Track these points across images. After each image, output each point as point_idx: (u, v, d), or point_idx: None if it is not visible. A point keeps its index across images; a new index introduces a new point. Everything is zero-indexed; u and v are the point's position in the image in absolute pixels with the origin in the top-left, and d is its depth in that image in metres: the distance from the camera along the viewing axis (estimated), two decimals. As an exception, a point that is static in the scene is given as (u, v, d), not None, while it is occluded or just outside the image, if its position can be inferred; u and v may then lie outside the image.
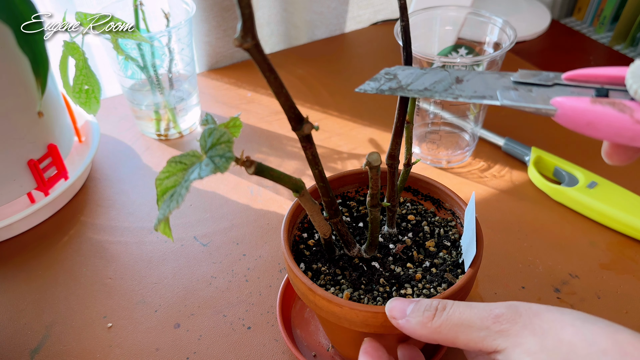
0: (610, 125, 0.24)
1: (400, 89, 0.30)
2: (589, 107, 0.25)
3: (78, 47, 0.51)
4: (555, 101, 0.26)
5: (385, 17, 0.91)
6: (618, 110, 0.24)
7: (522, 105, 0.27)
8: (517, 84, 0.28)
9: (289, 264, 0.36)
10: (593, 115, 0.24)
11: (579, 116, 0.25)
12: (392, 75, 0.31)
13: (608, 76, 0.26)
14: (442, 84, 0.29)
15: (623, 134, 0.24)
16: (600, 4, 0.88)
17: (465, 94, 0.29)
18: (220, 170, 0.25)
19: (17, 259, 0.52)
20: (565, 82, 0.27)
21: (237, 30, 0.24)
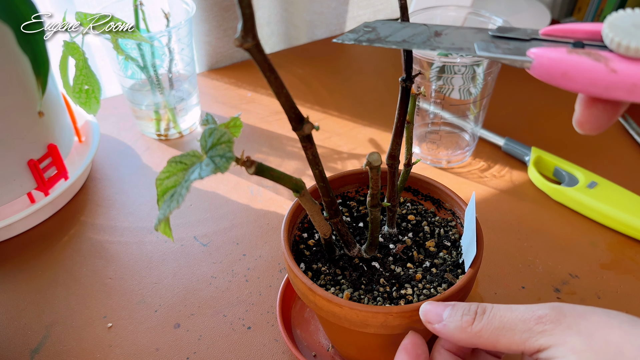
0: (585, 75, 0.24)
1: (378, 40, 0.30)
2: (564, 57, 0.24)
3: (78, 47, 0.51)
4: (531, 52, 0.26)
5: (385, 17, 0.91)
6: (593, 59, 0.24)
7: (498, 56, 0.27)
8: (495, 38, 0.28)
9: (289, 264, 0.36)
10: (569, 65, 0.24)
11: (555, 66, 0.25)
12: (371, 28, 0.31)
13: (585, 31, 0.26)
14: (420, 37, 0.29)
15: (598, 84, 0.24)
16: (600, 4, 0.88)
17: (443, 45, 0.29)
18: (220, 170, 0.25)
19: (17, 259, 0.52)
20: (543, 37, 0.27)
21: (237, 30, 0.24)
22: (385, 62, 0.81)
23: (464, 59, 0.52)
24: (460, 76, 0.54)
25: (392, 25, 0.31)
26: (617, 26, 0.24)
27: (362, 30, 0.31)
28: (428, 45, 0.29)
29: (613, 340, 0.25)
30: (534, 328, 0.27)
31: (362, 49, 0.85)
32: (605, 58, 0.23)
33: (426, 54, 0.53)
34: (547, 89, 0.74)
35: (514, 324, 0.28)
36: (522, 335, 0.27)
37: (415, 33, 0.30)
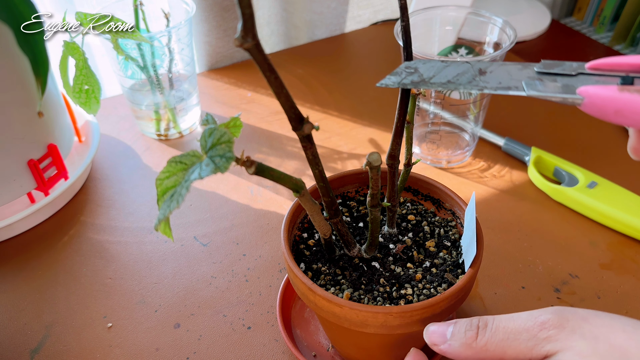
0: (638, 113, 0.24)
1: (423, 83, 0.30)
2: (616, 95, 0.25)
3: (78, 47, 0.51)
4: (582, 90, 0.26)
5: (385, 17, 0.91)
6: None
7: (548, 95, 0.27)
8: (541, 74, 0.28)
9: (289, 264, 0.36)
10: (621, 103, 0.24)
11: (607, 104, 0.25)
12: (413, 69, 0.31)
13: (632, 64, 0.26)
14: (465, 76, 0.29)
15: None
16: (600, 4, 0.88)
17: (490, 85, 0.28)
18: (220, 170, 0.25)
19: (17, 259, 0.52)
20: (589, 71, 0.27)
21: (237, 30, 0.24)
22: (386, 62, 0.81)
23: (464, 59, 0.52)
24: (460, 76, 0.54)
25: (434, 65, 0.30)
26: None
27: (404, 72, 0.30)
28: (474, 85, 0.29)
29: (617, 343, 0.25)
30: (539, 335, 0.27)
31: (362, 49, 0.85)
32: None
33: (424, 53, 0.53)
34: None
35: (518, 333, 0.28)
36: (527, 344, 0.27)
37: (459, 72, 0.30)
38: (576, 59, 0.81)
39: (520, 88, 0.28)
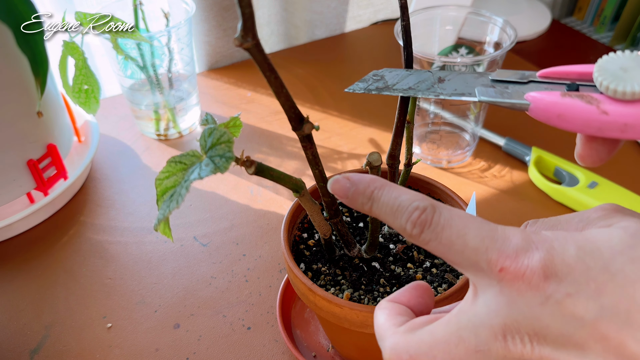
0: (578, 117, 0.25)
1: (386, 89, 0.32)
2: (559, 100, 0.26)
3: (77, 47, 0.51)
4: (529, 96, 0.27)
5: (386, 16, 0.91)
6: (586, 102, 0.25)
7: (498, 100, 0.29)
8: (495, 82, 0.30)
9: (289, 264, 0.36)
10: (563, 108, 0.26)
11: (550, 109, 0.26)
12: (380, 76, 0.33)
13: (579, 72, 0.27)
14: (425, 84, 0.31)
15: (591, 125, 0.25)
16: (600, 4, 0.88)
17: (446, 91, 0.30)
18: (220, 170, 0.25)
19: (17, 259, 0.52)
20: (540, 79, 0.29)
21: (237, 30, 0.24)
22: (386, 62, 0.80)
23: (464, 59, 0.52)
24: (461, 76, 0.54)
25: (399, 73, 0.32)
26: (606, 70, 0.25)
27: (371, 79, 0.33)
28: (432, 91, 0.31)
29: None
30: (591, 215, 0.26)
31: (362, 49, 0.85)
32: (597, 100, 0.25)
33: (425, 53, 0.53)
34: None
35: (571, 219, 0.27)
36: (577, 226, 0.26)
37: (420, 80, 0.32)
38: (577, 58, 0.81)
39: (473, 94, 0.30)
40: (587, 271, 0.21)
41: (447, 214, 0.24)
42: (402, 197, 0.25)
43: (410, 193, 0.26)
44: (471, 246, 0.23)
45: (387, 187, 0.26)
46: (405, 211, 0.25)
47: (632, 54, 0.25)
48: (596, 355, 0.21)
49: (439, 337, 0.24)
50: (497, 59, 0.54)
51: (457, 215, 0.24)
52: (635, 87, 0.24)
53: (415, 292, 0.28)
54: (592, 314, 0.21)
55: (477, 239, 0.23)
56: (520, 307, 0.22)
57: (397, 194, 0.26)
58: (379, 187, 0.26)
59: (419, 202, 0.25)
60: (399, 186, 0.27)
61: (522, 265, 0.22)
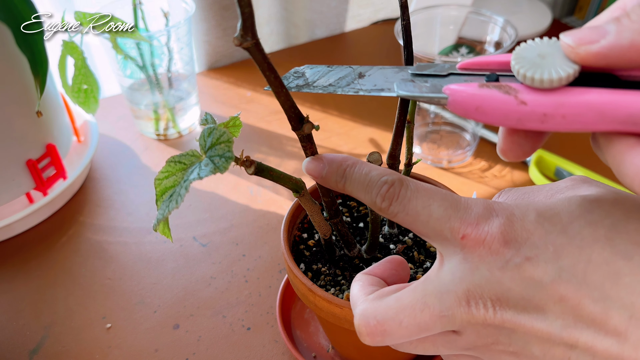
0: (496, 109, 0.24)
1: (306, 86, 0.31)
2: (476, 91, 0.25)
3: (77, 47, 0.51)
4: (447, 89, 0.26)
5: (386, 16, 0.91)
6: (503, 92, 0.24)
7: (416, 95, 0.28)
8: (415, 75, 0.29)
9: (289, 265, 0.36)
10: (480, 99, 0.25)
11: (468, 101, 0.25)
12: (301, 73, 0.32)
13: (498, 62, 0.26)
14: (345, 80, 0.31)
15: (510, 116, 0.24)
16: (601, 3, 0.88)
17: (365, 87, 0.30)
18: (220, 170, 0.25)
19: (16, 260, 0.52)
20: (460, 71, 0.28)
21: (237, 29, 0.24)
22: (386, 62, 0.80)
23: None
24: (461, 75, 0.54)
25: (320, 70, 0.32)
26: (523, 57, 0.24)
27: (291, 77, 0.32)
28: (351, 88, 0.30)
29: None
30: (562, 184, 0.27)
31: (362, 48, 0.84)
32: (515, 90, 0.24)
33: (425, 52, 0.53)
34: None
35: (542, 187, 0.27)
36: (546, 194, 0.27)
37: (341, 76, 0.31)
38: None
39: (391, 90, 0.29)
40: (545, 235, 0.22)
41: (414, 186, 0.26)
42: (372, 172, 0.27)
43: (380, 169, 0.27)
44: (435, 216, 0.24)
45: (358, 165, 0.28)
46: (374, 185, 0.26)
47: (549, 40, 0.24)
48: (555, 317, 0.21)
49: (405, 303, 0.25)
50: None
51: (423, 188, 0.25)
52: (553, 74, 0.23)
53: (389, 265, 0.30)
54: (551, 276, 0.21)
55: (441, 209, 0.24)
56: (482, 273, 0.23)
57: (367, 170, 0.27)
58: (350, 165, 0.28)
59: (388, 176, 0.26)
60: (370, 163, 0.28)
61: (483, 232, 0.23)
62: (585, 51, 0.22)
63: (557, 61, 0.23)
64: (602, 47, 0.22)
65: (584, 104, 0.22)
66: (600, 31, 0.22)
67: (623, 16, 0.21)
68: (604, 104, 0.22)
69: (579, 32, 0.22)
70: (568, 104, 0.22)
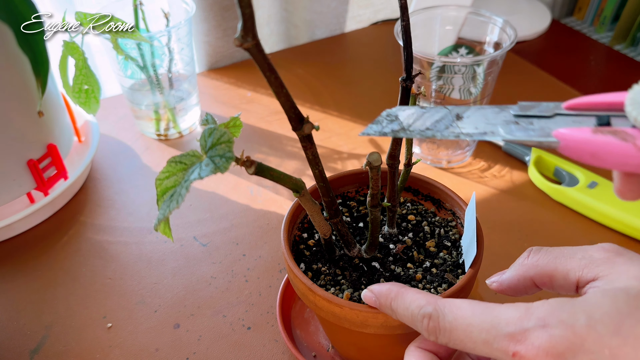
0: (614, 155, 0.23)
1: (402, 131, 0.30)
2: (591, 137, 0.24)
3: (78, 47, 0.51)
4: (557, 133, 0.25)
5: (386, 16, 0.91)
6: (620, 139, 0.23)
7: (524, 139, 0.26)
8: (518, 117, 0.28)
9: (289, 264, 0.36)
10: (596, 146, 0.24)
11: (582, 147, 0.24)
12: (394, 116, 0.31)
13: (608, 103, 0.25)
14: (442, 122, 0.29)
15: (629, 162, 0.23)
16: (600, 4, 0.88)
17: (466, 131, 0.28)
18: (220, 170, 0.25)
19: (17, 259, 0.52)
20: (566, 111, 0.27)
21: (237, 30, 0.24)
22: (386, 62, 0.80)
23: (464, 59, 0.52)
24: (461, 76, 0.54)
25: (414, 112, 0.30)
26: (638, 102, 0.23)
27: (385, 121, 0.31)
28: (451, 132, 0.28)
29: None
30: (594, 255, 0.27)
31: (362, 49, 0.85)
32: (632, 137, 0.23)
33: (425, 53, 0.53)
34: (548, 89, 0.74)
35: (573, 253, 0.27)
36: (580, 262, 0.27)
37: (437, 119, 0.30)
38: (576, 58, 0.81)
39: (496, 133, 0.27)
40: (599, 338, 0.22)
41: (450, 316, 0.27)
42: (412, 306, 0.28)
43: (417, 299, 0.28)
44: (480, 342, 0.25)
45: (399, 297, 0.30)
46: (417, 320, 0.28)
47: None
48: None
49: None
50: (497, 59, 0.54)
51: (460, 315, 0.26)
52: None
53: None
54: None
55: (482, 334, 0.25)
56: None
57: (408, 303, 0.29)
58: (394, 298, 0.30)
59: (425, 308, 0.28)
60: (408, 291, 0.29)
61: (533, 347, 0.23)
62: None
63: None
64: None
65: None
66: None
67: None
68: None
69: None
70: None
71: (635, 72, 0.78)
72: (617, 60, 0.81)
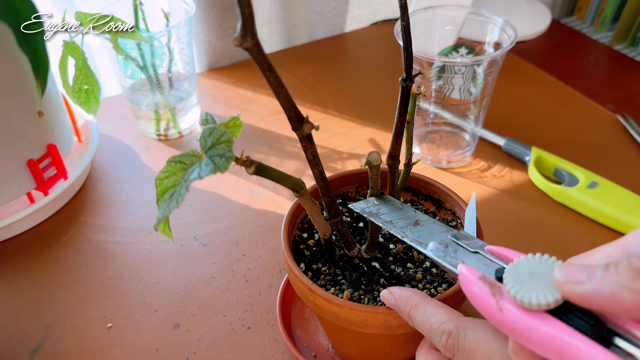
0: (481, 305, 0.26)
1: (374, 215, 0.35)
2: (474, 281, 0.27)
3: (78, 47, 0.51)
4: (460, 266, 0.28)
5: (386, 16, 0.91)
6: (491, 292, 0.26)
7: (437, 260, 0.31)
8: (452, 241, 0.32)
9: (289, 264, 0.36)
10: (473, 290, 0.26)
11: (466, 287, 0.27)
12: (379, 204, 0.36)
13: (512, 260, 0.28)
14: (403, 222, 0.34)
15: (490, 316, 0.25)
16: (600, 4, 0.88)
17: (411, 236, 0.33)
18: (220, 170, 0.25)
19: (17, 259, 0.52)
20: (486, 253, 0.30)
21: (237, 30, 0.24)
22: (386, 62, 0.81)
23: (464, 59, 0.52)
24: (461, 76, 0.54)
25: (393, 206, 0.36)
26: (516, 270, 0.25)
27: (371, 203, 0.36)
28: (402, 231, 0.34)
29: None
30: None
31: (362, 49, 0.85)
32: (501, 295, 0.25)
33: (425, 53, 0.53)
34: (548, 90, 0.74)
35: None
36: None
37: (401, 217, 0.35)
38: (576, 58, 0.81)
39: (425, 247, 0.32)
40: None
41: (472, 336, 0.27)
42: (431, 319, 0.29)
43: (439, 312, 0.29)
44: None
45: (420, 307, 0.30)
46: (435, 334, 0.28)
47: (548, 260, 0.25)
48: None
49: None
50: (497, 59, 0.54)
51: (481, 337, 0.26)
52: (533, 299, 0.24)
53: None
54: None
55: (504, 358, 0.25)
56: None
57: (428, 315, 0.29)
58: (413, 307, 0.30)
59: (445, 324, 0.28)
60: (430, 303, 0.30)
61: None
62: (570, 290, 0.23)
63: (544, 285, 0.24)
64: (585, 291, 0.22)
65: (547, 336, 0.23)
66: (589, 273, 0.22)
67: (612, 266, 0.22)
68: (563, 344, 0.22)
69: (570, 270, 0.23)
70: (534, 329, 0.23)
71: (636, 72, 0.78)
72: (617, 60, 0.81)
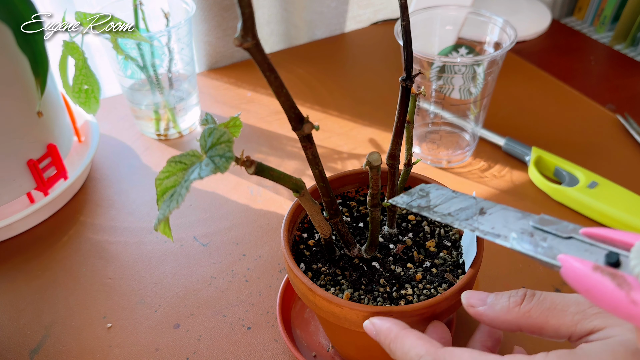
0: (605, 298, 0.23)
1: (426, 209, 0.31)
2: (589, 273, 0.24)
3: (77, 47, 0.51)
4: (562, 258, 0.25)
5: (386, 16, 0.91)
6: (616, 284, 0.23)
7: (530, 254, 0.27)
8: (536, 229, 0.28)
9: (289, 264, 0.36)
10: (591, 284, 0.23)
11: (579, 280, 0.24)
12: (425, 192, 0.32)
13: (623, 242, 0.25)
14: (465, 212, 0.30)
15: (619, 310, 0.23)
16: (600, 4, 0.88)
17: (483, 228, 0.29)
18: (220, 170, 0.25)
19: (17, 259, 0.52)
20: (581, 237, 0.26)
21: (237, 30, 0.24)
22: (386, 62, 0.80)
23: (464, 59, 0.52)
24: (461, 76, 0.54)
25: (445, 193, 0.32)
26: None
27: (416, 194, 0.32)
28: (469, 224, 0.29)
29: None
30: (588, 310, 0.26)
31: (362, 49, 0.85)
32: (629, 285, 0.22)
33: (425, 53, 0.53)
34: (548, 89, 0.74)
35: (567, 305, 0.27)
36: (574, 317, 0.26)
37: (461, 207, 0.31)
38: (576, 58, 0.81)
39: (509, 239, 0.28)
40: None
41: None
42: (410, 352, 0.29)
43: (417, 345, 0.28)
44: None
45: (399, 340, 0.30)
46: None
47: None
48: None
49: None
50: (497, 59, 0.54)
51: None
52: None
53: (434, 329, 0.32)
54: None
55: None
56: None
57: (407, 349, 0.29)
58: (393, 339, 0.30)
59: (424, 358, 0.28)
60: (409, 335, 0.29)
61: None
62: None
63: None
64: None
65: None
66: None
67: None
68: None
69: None
70: None
71: (636, 72, 0.78)
72: (617, 60, 0.81)
